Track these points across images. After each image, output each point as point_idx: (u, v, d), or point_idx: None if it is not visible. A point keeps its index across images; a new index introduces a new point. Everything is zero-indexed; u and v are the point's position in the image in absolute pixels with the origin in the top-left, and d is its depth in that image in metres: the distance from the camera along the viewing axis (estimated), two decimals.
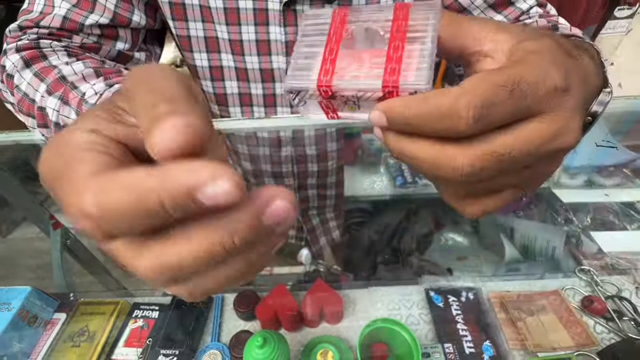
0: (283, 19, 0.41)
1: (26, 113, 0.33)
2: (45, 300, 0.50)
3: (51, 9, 0.37)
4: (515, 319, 0.49)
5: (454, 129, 0.15)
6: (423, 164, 0.17)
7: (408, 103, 0.16)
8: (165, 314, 0.50)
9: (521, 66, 0.16)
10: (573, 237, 0.73)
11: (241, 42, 0.43)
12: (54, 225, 0.59)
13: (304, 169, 0.58)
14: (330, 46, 0.19)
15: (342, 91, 0.17)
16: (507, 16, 0.43)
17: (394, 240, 0.78)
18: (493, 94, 0.15)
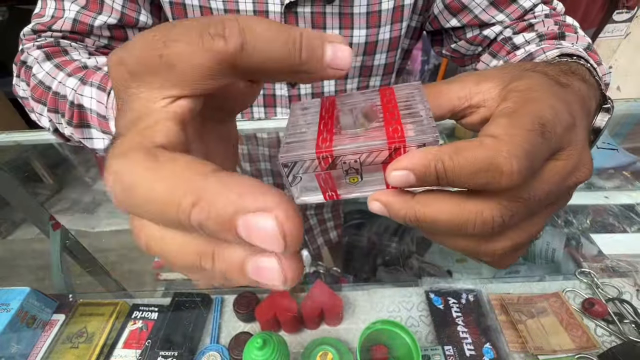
0: (284, 21, 0.41)
1: (37, 99, 0.33)
2: (44, 301, 0.49)
3: (62, 12, 0.38)
4: (516, 321, 0.49)
5: (495, 184, 0.14)
6: (446, 226, 0.15)
7: (440, 156, 0.14)
8: (164, 316, 0.50)
9: (533, 105, 0.15)
10: (573, 239, 0.73)
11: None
12: (54, 225, 0.58)
13: None
14: (324, 122, 0.18)
15: (344, 155, 0.16)
16: (509, 15, 0.43)
17: (394, 241, 0.78)
18: (530, 141, 0.14)
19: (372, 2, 0.42)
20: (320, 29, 0.43)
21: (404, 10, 0.44)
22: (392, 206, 0.16)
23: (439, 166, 0.14)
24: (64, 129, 0.32)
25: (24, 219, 1.81)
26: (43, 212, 0.59)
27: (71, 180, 2.07)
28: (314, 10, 0.41)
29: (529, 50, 0.36)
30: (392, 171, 0.15)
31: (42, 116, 0.33)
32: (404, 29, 0.46)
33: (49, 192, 1.91)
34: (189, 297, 0.52)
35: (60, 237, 0.59)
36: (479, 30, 0.44)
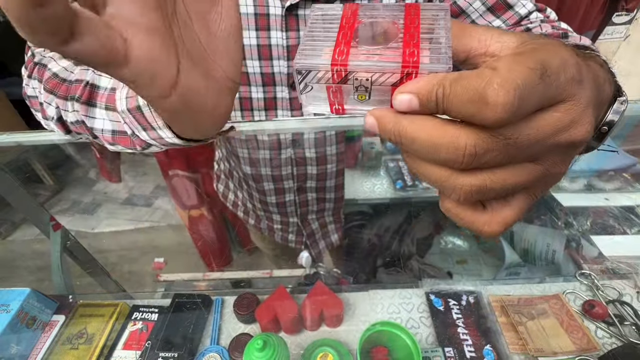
0: (285, 23, 0.41)
1: (49, 90, 0.33)
2: (44, 302, 0.49)
3: None
4: (516, 323, 0.49)
5: (479, 115, 0.14)
6: (422, 145, 0.16)
7: (442, 82, 0.15)
8: (164, 317, 0.50)
9: (542, 53, 0.15)
10: (573, 241, 0.73)
11: (242, 46, 0.43)
12: (54, 226, 0.58)
13: (304, 172, 0.58)
14: (343, 32, 0.18)
15: (358, 71, 0.16)
16: (505, 21, 0.43)
17: (394, 243, 0.78)
18: (526, 78, 0.14)
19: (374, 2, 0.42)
20: None
21: (400, 3, 0.44)
22: (382, 120, 0.17)
23: (439, 92, 0.15)
24: (68, 115, 0.32)
25: (23, 220, 1.81)
26: (43, 212, 0.59)
27: (71, 181, 2.07)
28: None
29: None
30: (398, 94, 0.16)
31: (49, 105, 0.33)
32: None
33: (49, 193, 1.91)
34: (189, 298, 0.52)
35: (60, 238, 0.59)
36: None
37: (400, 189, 0.88)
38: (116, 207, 1.90)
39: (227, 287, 0.72)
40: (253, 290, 0.54)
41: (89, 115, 0.31)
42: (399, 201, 0.87)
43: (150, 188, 2.02)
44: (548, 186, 0.19)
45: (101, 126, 0.30)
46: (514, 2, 0.42)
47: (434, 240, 0.86)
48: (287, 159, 0.55)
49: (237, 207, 0.71)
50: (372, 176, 0.95)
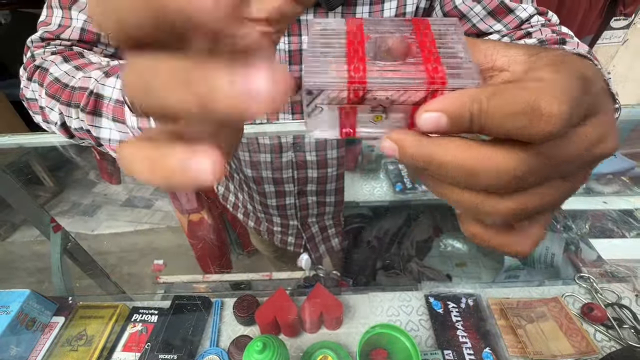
0: (287, 28, 0.42)
1: (51, 95, 0.33)
2: (43, 303, 0.49)
3: (69, 21, 0.38)
4: (515, 325, 0.49)
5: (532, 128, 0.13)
6: (454, 171, 0.14)
7: (477, 96, 0.13)
8: (164, 319, 0.50)
9: (575, 64, 0.14)
10: (572, 244, 0.73)
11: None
12: (55, 227, 0.59)
13: (304, 175, 0.58)
14: (352, 47, 0.16)
15: (378, 90, 0.15)
16: (506, 25, 0.43)
17: (394, 246, 0.78)
18: (576, 88, 0.13)
19: (374, 10, 0.42)
20: None
21: (406, 17, 0.44)
22: (404, 143, 0.15)
23: (475, 107, 0.13)
24: (72, 121, 0.32)
25: (23, 221, 1.81)
26: (44, 214, 0.59)
27: (71, 182, 2.07)
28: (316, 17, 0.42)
29: None
30: (423, 112, 0.14)
31: (52, 110, 0.33)
32: None
33: (49, 195, 1.91)
34: (189, 300, 0.52)
35: (60, 240, 0.59)
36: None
37: (400, 192, 0.88)
38: (116, 208, 1.90)
39: (226, 289, 0.72)
40: (253, 292, 0.54)
41: (94, 125, 0.30)
42: (398, 204, 0.87)
43: (151, 190, 2.02)
44: (565, 200, 0.18)
45: (108, 136, 0.30)
46: (515, 6, 0.43)
47: (434, 243, 0.86)
48: (288, 162, 0.56)
49: (237, 209, 0.71)
50: (372, 179, 0.95)
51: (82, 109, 0.30)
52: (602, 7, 1.39)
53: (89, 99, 0.30)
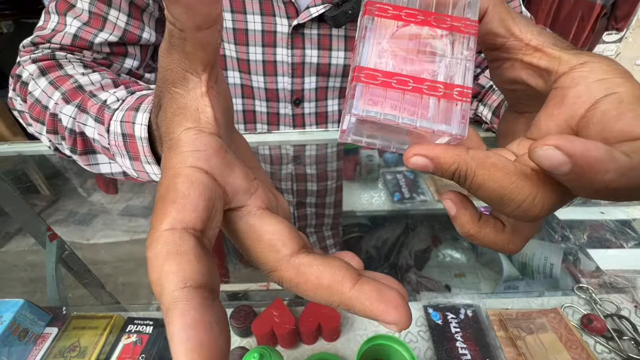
0: (291, 41, 0.42)
1: (35, 118, 0.32)
2: (37, 313, 0.49)
3: (63, 26, 0.38)
4: (515, 337, 0.48)
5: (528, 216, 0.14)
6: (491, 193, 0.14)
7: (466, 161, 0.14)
8: (159, 330, 0.49)
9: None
10: (570, 254, 0.73)
11: (248, 61, 0.44)
12: (51, 236, 0.58)
13: (304, 188, 0.58)
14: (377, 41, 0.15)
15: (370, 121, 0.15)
16: None
17: (392, 255, 0.77)
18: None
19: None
20: (326, 51, 0.44)
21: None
22: (440, 159, 0.15)
23: (461, 170, 0.14)
24: (64, 149, 0.31)
25: (17, 230, 1.79)
26: (40, 222, 0.59)
27: (68, 191, 2.05)
28: (320, 33, 0.43)
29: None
30: (412, 156, 0.15)
31: (41, 135, 0.33)
32: None
33: (45, 203, 1.89)
34: None
35: (56, 249, 0.58)
36: (477, 56, 0.46)
37: (398, 201, 0.88)
38: (113, 218, 1.89)
39: (223, 299, 0.71)
40: (250, 302, 0.53)
41: (92, 163, 0.30)
42: (396, 213, 0.87)
43: (149, 198, 2.01)
44: None
45: (109, 170, 0.30)
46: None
47: (432, 253, 0.86)
48: (287, 174, 0.56)
49: None
50: (370, 188, 0.95)
51: (73, 150, 0.29)
52: (594, 22, 1.42)
53: (73, 138, 0.29)
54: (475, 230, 0.17)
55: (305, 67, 0.45)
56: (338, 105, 0.49)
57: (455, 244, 0.92)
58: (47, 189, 1.92)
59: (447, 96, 0.15)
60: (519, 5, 0.45)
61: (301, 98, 0.47)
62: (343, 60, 0.45)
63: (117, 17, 0.39)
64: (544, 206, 0.14)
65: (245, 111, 0.48)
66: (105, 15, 0.38)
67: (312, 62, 0.45)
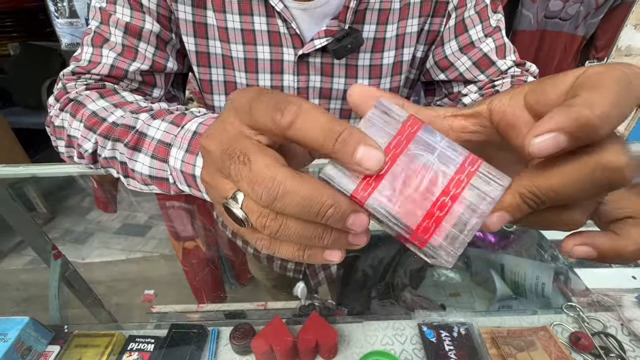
0: (297, 68, 0.47)
1: (88, 127, 0.37)
2: (41, 331, 0.49)
3: (99, 57, 0.42)
4: (506, 354, 0.50)
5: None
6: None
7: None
8: (160, 348, 0.50)
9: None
10: (561, 274, 0.75)
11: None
12: (55, 255, 0.59)
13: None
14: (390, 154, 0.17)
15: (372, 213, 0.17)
16: (489, 76, 0.48)
17: (388, 275, 0.79)
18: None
19: (375, 58, 0.48)
20: (328, 77, 0.48)
21: (403, 65, 0.50)
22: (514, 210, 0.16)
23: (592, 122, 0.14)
24: (104, 151, 0.36)
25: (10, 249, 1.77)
26: (45, 241, 0.60)
27: (65, 209, 2.05)
28: (323, 61, 0.47)
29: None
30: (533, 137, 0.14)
31: (86, 139, 0.37)
32: (402, 80, 0.52)
33: (41, 221, 1.89)
34: (186, 328, 0.52)
35: (60, 267, 0.60)
36: (463, 85, 0.50)
37: None
38: (109, 236, 1.88)
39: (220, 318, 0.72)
40: (249, 320, 0.54)
41: (132, 159, 0.34)
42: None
43: (145, 217, 2.01)
44: None
45: (140, 169, 0.34)
46: (496, 59, 0.48)
47: (427, 273, 0.88)
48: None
49: (236, 235, 0.73)
50: None
51: (126, 143, 0.34)
52: (575, 52, 1.51)
53: (133, 136, 0.34)
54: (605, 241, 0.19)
55: (309, 91, 0.49)
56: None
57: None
58: (44, 207, 1.92)
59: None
60: (502, 37, 0.49)
61: None
62: (343, 86, 0.49)
63: (145, 49, 0.44)
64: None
65: None
66: (136, 47, 0.43)
67: (316, 87, 0.49)
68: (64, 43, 1.73)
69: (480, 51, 0.47)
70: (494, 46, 0.47)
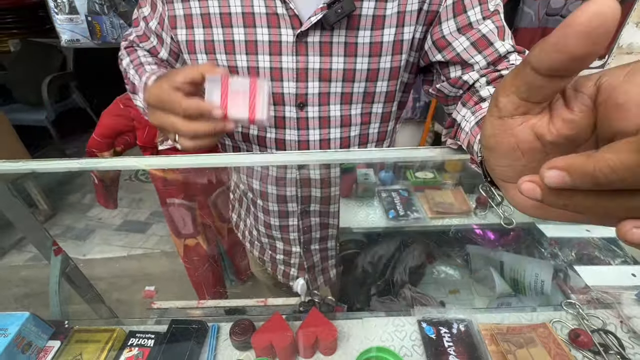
0: (295, 49, 0.47)
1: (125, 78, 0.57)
2: (41, 327, 0.50)
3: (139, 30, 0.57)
4: (505, 351, 0.50)
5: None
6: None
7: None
8: (160, 343, 0.50)
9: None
10: (560, 271, 0.75)
11: (257, 68, 0.49)
12: (56, 251, 0.60)
13: (308, 194, 0.61)
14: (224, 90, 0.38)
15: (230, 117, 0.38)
16: (486, 57, 0.47)
17: (387, 271, 0.79)
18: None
19: (375, 35, 0.48)
20: (327, 57, 0.49)
21: (403, 45, 0.50)
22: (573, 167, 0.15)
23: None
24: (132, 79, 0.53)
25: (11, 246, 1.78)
26: (46, 237, 0.60)
27: (66, 206, 2.06)
28: (322, 40, 0.47)
29: None
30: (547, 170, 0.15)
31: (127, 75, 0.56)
32: (403, 61, 0.52)
33: (42, 218, 1.89)
34: (186, 324, 0.53)
35: (60, 263, 0.60)
36: (461, 71, 0.50)
37: (393, 219, 0.91)
38: (110, 233, 1.89)
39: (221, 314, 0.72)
40: (249, 316, 0.54)
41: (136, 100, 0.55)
42: (391, 230, 0.90)
43: (146, 214, 2.01)
44: None
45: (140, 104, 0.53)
46: (495, 40, 0.47)
47: (427, 270, 0.88)
48: (292, 179, 0.59)
49: (245, 237, 0.73)
50: (366, 206, 0.98)
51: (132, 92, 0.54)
52: None
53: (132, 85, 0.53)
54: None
55: (309, 73, 0.49)
56: (340, 111, 0.53)
57: (450, 260, 0.94)
58: (45, 203, 1.93)
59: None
60: (500, 20, 0.48)
61: (305, 102, 0.51)
62: (343, 65, 0.49)
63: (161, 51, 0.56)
64: None
65: None
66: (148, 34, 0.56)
67: (315, 68, 0.49)
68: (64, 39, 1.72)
69: (479, 32, 0.47)
70: (493, 27, 0.47)
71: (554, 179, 0.15)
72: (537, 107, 0.19)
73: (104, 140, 1.12)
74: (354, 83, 0.51)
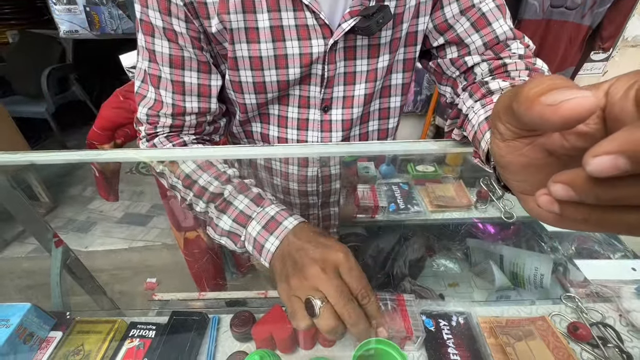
0: (327, 59, 0.46)
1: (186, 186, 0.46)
2: (43, 318, 0.50)
3: (161, 97, 0.47)
4: (504, 344, 0.50)
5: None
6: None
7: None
8: (161, 334, 0.51)
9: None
10: (560, 265, 0.75)
11: (288, 82, 0.48)
12: (57, 242, 0.60)
13: (328, 189, 0.61)
14: None
15: None
16: (482, 36, 0.47)
17: (387, 264, 0.79)
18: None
19: (395, 31, 0.48)
20: (352, 60, 0.48)
21: (418, 35, 0.50)
22: (576, 182, 0.14)
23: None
24: (196, 208, 0.45)
25: (14, 237, 1.79)
26: (46, 228, 0.60)
27: (67, 198, 2.06)
28: (347, 45, 0.47)
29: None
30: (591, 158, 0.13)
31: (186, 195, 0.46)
32: (417, 52, 0.51)
33: (44, 210, 1.90)
34: (187, 315, 0.53)
35: (61, 255, 0.60)
36: (457, 52, 0.49)
37: (393, 212, 0.91)
38: (111, 225, 1.89)
39: (221, 306, 0.72)
40: (249, 308, 0.55)
41: (219, 217, 0.43)
42: (391, 223, 0.90)
43: (147, 207, 2.02)
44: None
45: (222, 225, 0.43)
46: (493, 21, 0.47)
47: (426, 263, 0.88)
48: (312, 176, 0.59)
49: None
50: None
51: (216, 207, 0.44)
52: (581, 42, 1.49)
53: (222, 202, 0.43)
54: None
55: (335, 79, 0.49)
56: (361, 113, 0.53)
57: (449, 254, 0.94)
58: (46, 196, 1.93)
59: None
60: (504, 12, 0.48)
61: (330, 105, 0.51)
62: (366, 67, 0.49)
63: (191, 77, 0.47)
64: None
65: (279, 116, 0.53)
66: (183, 80, 0.47)
67: (340, 72, 0.49)
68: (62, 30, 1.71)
69: (479, 11, 0.47)
70: (493, 5, 0.47)
71: (560, 194, 0.14)
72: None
73: (104, 133, 1.11)
74: (376, 82, 0.51)
